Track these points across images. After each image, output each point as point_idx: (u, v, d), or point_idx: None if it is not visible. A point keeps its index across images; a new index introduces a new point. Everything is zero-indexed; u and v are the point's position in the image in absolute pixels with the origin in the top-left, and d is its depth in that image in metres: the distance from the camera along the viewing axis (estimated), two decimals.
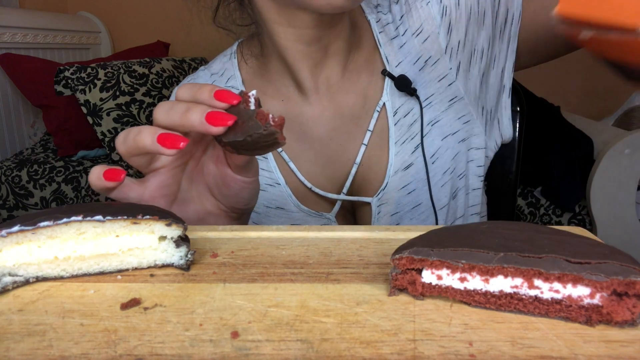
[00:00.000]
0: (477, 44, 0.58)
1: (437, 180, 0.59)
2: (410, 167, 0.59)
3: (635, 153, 1.42)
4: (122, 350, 0.27)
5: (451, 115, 0.60)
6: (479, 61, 0.59)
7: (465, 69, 0.59)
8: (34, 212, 0.35)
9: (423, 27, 0.58)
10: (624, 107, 1.94)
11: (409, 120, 0.59)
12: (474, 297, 0.31)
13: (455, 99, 0.59)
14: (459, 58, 0.58)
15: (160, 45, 2.39)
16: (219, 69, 0.68)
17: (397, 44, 0.60)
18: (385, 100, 0.59)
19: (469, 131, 0.61)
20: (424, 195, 0.59)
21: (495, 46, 0.58)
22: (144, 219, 0.35)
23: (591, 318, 0.29)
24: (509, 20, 0.57)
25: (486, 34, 0.58)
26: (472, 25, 0.57)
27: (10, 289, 0.34)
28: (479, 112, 0.61)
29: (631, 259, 0.29)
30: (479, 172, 0.63)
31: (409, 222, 0.60)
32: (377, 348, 0.27)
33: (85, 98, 1.69)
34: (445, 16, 0.57)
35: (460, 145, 0.60)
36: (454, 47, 0.58)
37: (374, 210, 0.60)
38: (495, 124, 0.63)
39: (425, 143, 0.58)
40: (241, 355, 0.26)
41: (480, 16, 0.57)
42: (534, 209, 1.55)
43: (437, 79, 0.59)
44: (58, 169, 1.66)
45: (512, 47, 0.58)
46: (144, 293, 0.33)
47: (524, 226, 0.33)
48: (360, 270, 0.37)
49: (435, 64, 0.59)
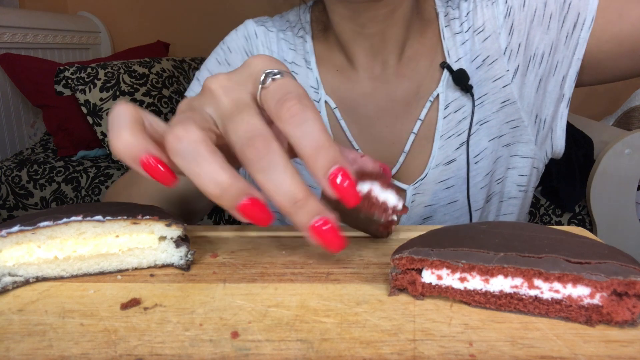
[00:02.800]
0: (538, 48, 0.56)
1: (477, 181, 0.59)
2: (452, 163, 0.58)
3: (635, 153, 1.43)
4: (122, 350, 0.27)
5: (501, 118, 0.59)
6: (537, 66, 0.57)
7: (522, 73, 0.57)
8: (34, 212, 0.35)
9: (485, 25, 0.57)
10: (624, 107, 1.94)
11: (458, 116, 0.59)
12: (474, 297, 0.31)
13: (508, 102, 0.58)
14: (517, 61, 0.57)
15: (160, 45, 2.39)
16: (295, 21, 0.67)
17: (460, 40, 0.59)
18: (439, 92, 0.59)
19: (515, 137, 0.59)
20: (462, 194, 0.58)
21: (559, 52, 0.56)
22: (144, 219, 0.35)
23: (591, 318, 0.29)
24: (578, 25, 0.54)
25: (549, 38, 0.55)
26: (535, 28, 0.55)
27: (10, 289, 0.34)
28: (532, 119, 0.59)
29: (631, 259, 0.29)
30: (519, 181, 0.61)
31: (442, 217, 0.59)
32: (377, 348, 0.27)
33: (85, 98, 1.69)
34: (508, 17, 0.56)
35: (503, 149, 0.59)
36: (513, 49, 0.57)
37: (408, 198, 0.59)
38: (549, 134, 0.60)
39: (471, 142, 0.58)
40: (241, 355, 0.26)
41: (546, 20, 0.55)
42: (534, 209, 1.55)
43: (493, 79, 0.58)
44: (58, 169, 1.66)
45: (578, 55, 0.54)
46: (144, 293, 0.33)
47: (524, 226, 0.33)
48: (360, 270, 0.37)
49: (492, 63, 0.58)
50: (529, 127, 0.59)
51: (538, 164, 0.61)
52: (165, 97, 1.86)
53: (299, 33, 0.65)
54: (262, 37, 0.64)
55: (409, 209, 0.60)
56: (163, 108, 1.84)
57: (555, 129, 0.59)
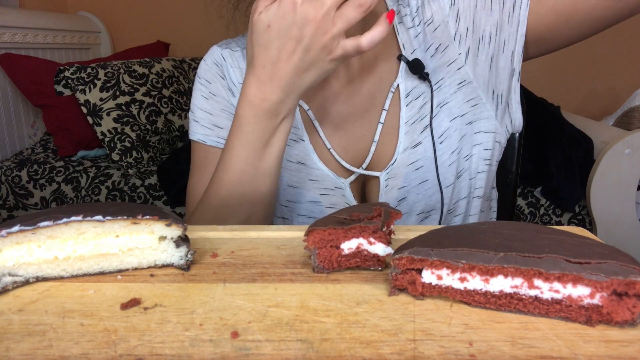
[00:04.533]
0: (484, 30, 0.61)
1: (444, 160, 0.62)
2: (418, 146, 0.62)
3: (635, 153, 1.42)
4: (122, 350, 0.27)
5: (460, 98, 0.63)
6: (487, 46, 0.62)
7: (474, 54, 0.62)
8: (34, 212, 0.35)
9: (434, 17, 0.63)
10: (624, 107, 1.94)
11: (419, 102, 0.63)
12: (474, 297, 0.31)
13: (464, 82, 0.63)
14: (467, 44, 0.62)
15: (160, 45, 2.39)
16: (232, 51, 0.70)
17: (413, 34, 0.65)
18: (399, 82, 0.64)
19: (476, 114, 0.64)
20: (431, 173, 0.62)
21: (504, 31, 0.61)
22: (144, 219, 0.35)
23: (591, 318, 0.29)
24: (517, 4, 0.59)
25: (493, 20, 0.61)
26: (479, 12, 0.61)
27: (10, 289, 0.34)
28: (489, 95, 0.64)
29: (631, 259, 0.29)
30: (485, 156, 0.65)
31: (415, 197, 0.63)
32: (377, 348, 0.27)
33: (85, 98, 1.69)
34: (453, 6, 0.62)
35: (467, 127, 0.63)
36: (462, 34, 0.62)
37: (382, 184, 0.63)
38: (507, 108, 0.65)
39: (434, 124, 0.62)
40: (241, 355, 0.26)
41: (488, 3, 0.60)
42: (534, 209, 1.55)
43: (447, 64, 0.63)
44: (58, 169, 1.66)
45: (522, 31, 0.60)
46: (144, 293, 0.33)
47: (524, 226, 0.33)
48: (360, 270, 0.37)
49: (445, 50, 0.63)
50: (488, 103, 0.64)
51: (500, 138, 0.66)
52: (165, 97, 1.86)
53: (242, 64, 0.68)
54: (229, 58, 0.68)
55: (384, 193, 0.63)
56: (163, 108, 1.84)
57: (511, 103, 0.64)
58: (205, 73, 0.69)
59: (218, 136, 0.66)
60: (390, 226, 0.38)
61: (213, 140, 0.66)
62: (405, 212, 0.63)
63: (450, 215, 0.65)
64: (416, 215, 0.63)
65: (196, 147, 0.68)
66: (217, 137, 0.66)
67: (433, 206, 0.63)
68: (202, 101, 0.68)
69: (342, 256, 0.36)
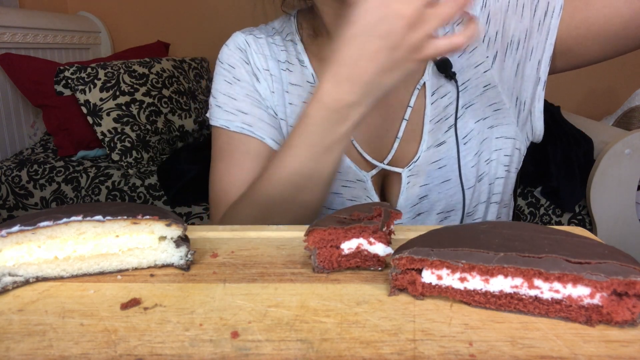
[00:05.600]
0: (513, 35, 0.61)
1: (467, 160, 0.63)
2: (442, 145, 0.62)
3: (635, 153, 1.42)
4: (122, 350, 0.27)
5: (484, 101, 0.63)
6: (514, 52, 0.61)
7: (501, 59, 0.62)
8: (34, 212, 0.35)
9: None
10: (624, 107, 1.94)
11: (445, 101, 0.63)
12: (474, 297, 0.31)
13: (489, 86, 0.63)
14: (495, 48, 0.62)
15: (160, 45, 2.39)
16: (280, 28, 0.71)
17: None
18: (426, 80, 0.64)
19: (498, 119, 0.64)
20: (454, 173, 0.62)
21: (533, 38, 0.60)
22: (144, 219, 0.35)
23: (591, 318, 0.29)
24: (548, 13, 0.58)
25: (523, 26, 0.60)
26: (510, 17, 0.60)
27: (10, 289, 0.34)
28: (513, 101, 0.64)
29: (631, 259, 0.29)
30: (504, 161, 0.65)
31: (437, 196, 0.63)
32: (377, 348, 0.27)
33: (85, 98, 1.69)
34: (484, 8, 0.61)
35: (488, 131, 0.64)
36: (491, 37, 0.62)
37: (403, 181, 0.63)
38: (529, 116, 0.65)
39: (458, 124, 0.62)
40: (241, 355, 0.26)
41: (519, 9, 0.60)
42: (534, 209, 1.55)
43: (474, 66, 0.63)
44: (58, 169, 1.66)
45: (551, 40, 0.59)
46: (144, 293, 0.33)
47: (524, 226, 0.33)
48: (361, 270, 0.37)
49: (473, 51, 0.63)
50: (510, 109, 0.64)
51: (520, 145, 0.65)
52: (165, 97, 1.86)
53: (288, 37, 0.69)
54: (253, 44, 0.68)
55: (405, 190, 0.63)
56: (163, 108, 1.84)
57: (534, 111, 0.63)
58: (229, 58, 0.67)
59: (243, 122, 0.64)
60: (390, 226, 0.38)
61: (237, 125, 0.64)
62: (426, 211, 0.63)
63: (469, 218, 0.65)
64: (436, 215, 0.63)
65: (219, 133, 0.66)
66: (241, 123, 0.64)
67: (453, 207, 0.63)
68: (225, 86, 0.67)
69: (342, 256, 0.36)
